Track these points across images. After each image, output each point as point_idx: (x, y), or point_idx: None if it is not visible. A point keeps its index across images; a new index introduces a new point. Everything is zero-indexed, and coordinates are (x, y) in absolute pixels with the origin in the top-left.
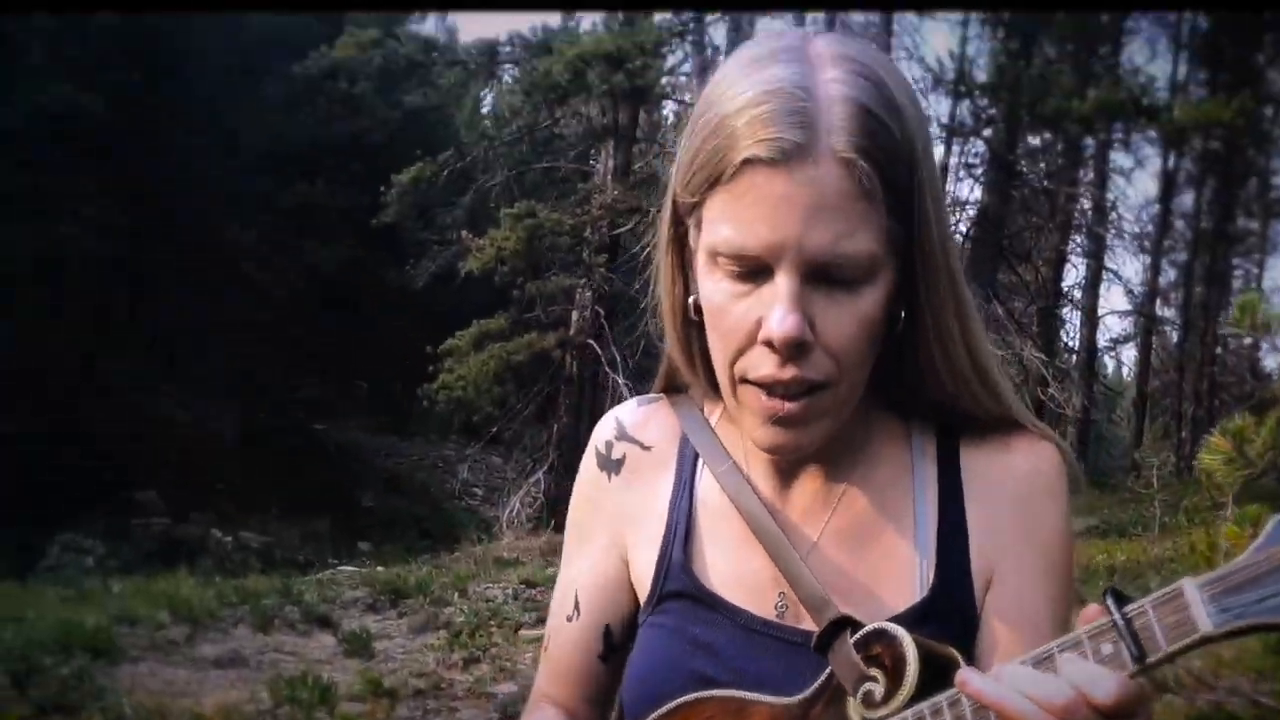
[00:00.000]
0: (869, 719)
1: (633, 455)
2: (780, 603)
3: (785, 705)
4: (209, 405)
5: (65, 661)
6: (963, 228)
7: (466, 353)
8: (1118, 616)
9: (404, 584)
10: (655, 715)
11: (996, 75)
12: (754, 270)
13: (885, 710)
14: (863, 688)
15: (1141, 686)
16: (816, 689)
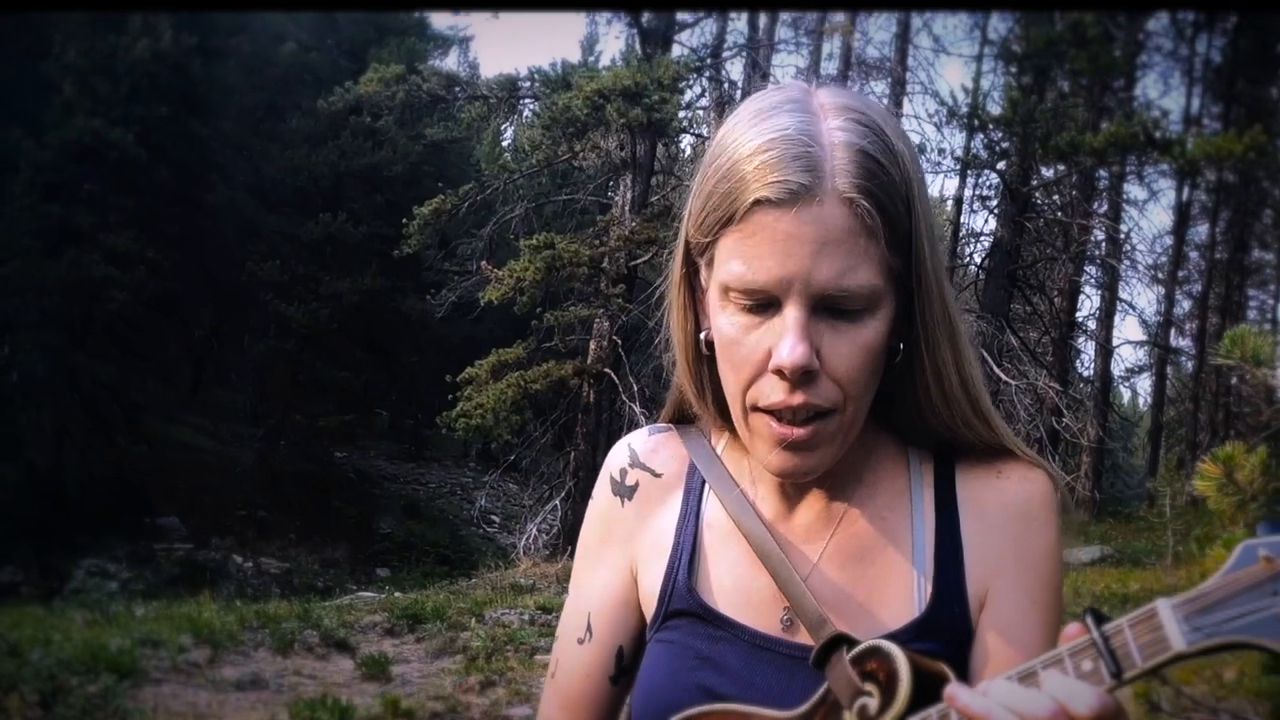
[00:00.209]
0: None
1: (645, 481)
2: (786, 617)
3: (785, 718)
4: (231, 433)
5: (91, 682)
6: (977, 258)
7: (485, 381)
8: (1097, 635)
9: (421, 609)
10: None
11: (1010, 109)
12: (764, 304)
13: None
14: (858, 702)
15: (1119, 701)
16: (814, 703)
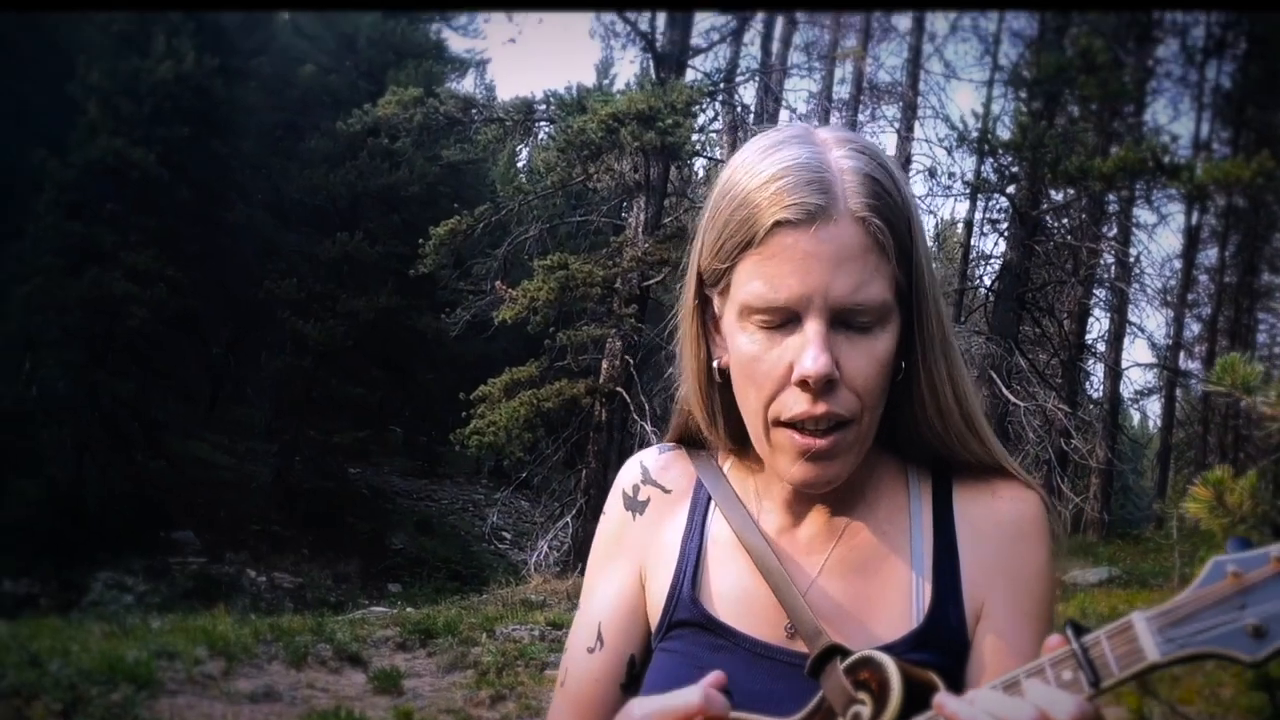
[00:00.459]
0: None
1: (655, 497)
2: (790, 625)
3: None
4: (247, 449)
5: (111, 693)
6: (987, 281)
7: (498, 399)
8: (1076, 646)
9: (433, 624)
10: None
11: (1020, 134)
12: (784, 321)
13: None
14: (851, 710)
15: (1098, 708)
16: (809, 711)
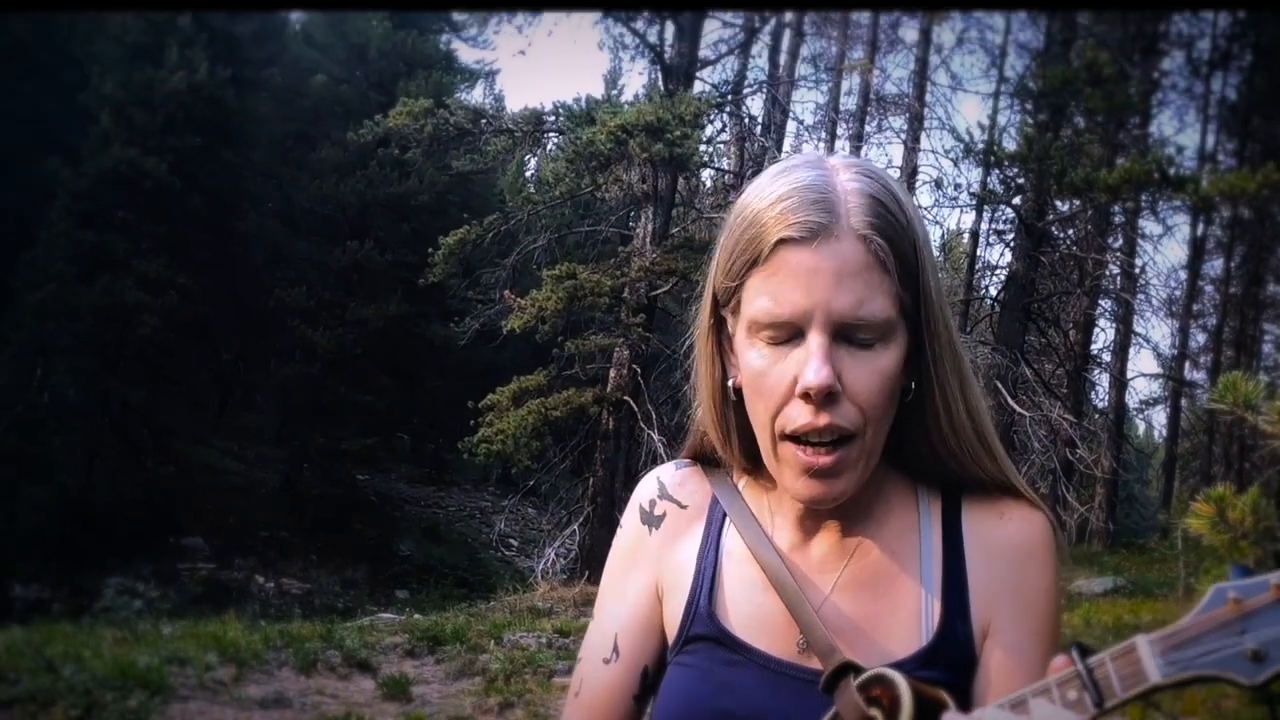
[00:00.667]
0: None
1: (672, 512)
2: (802, 641)
3: None
4: (256, 455)
5: (126, 699)
6: (992, 291)
7: (506, 408)
8: (1081, 667)
9: (441, 631)
10: None
11: (1026, 146)
12: (789, 335)
13: None
14: None
15: None
16: None
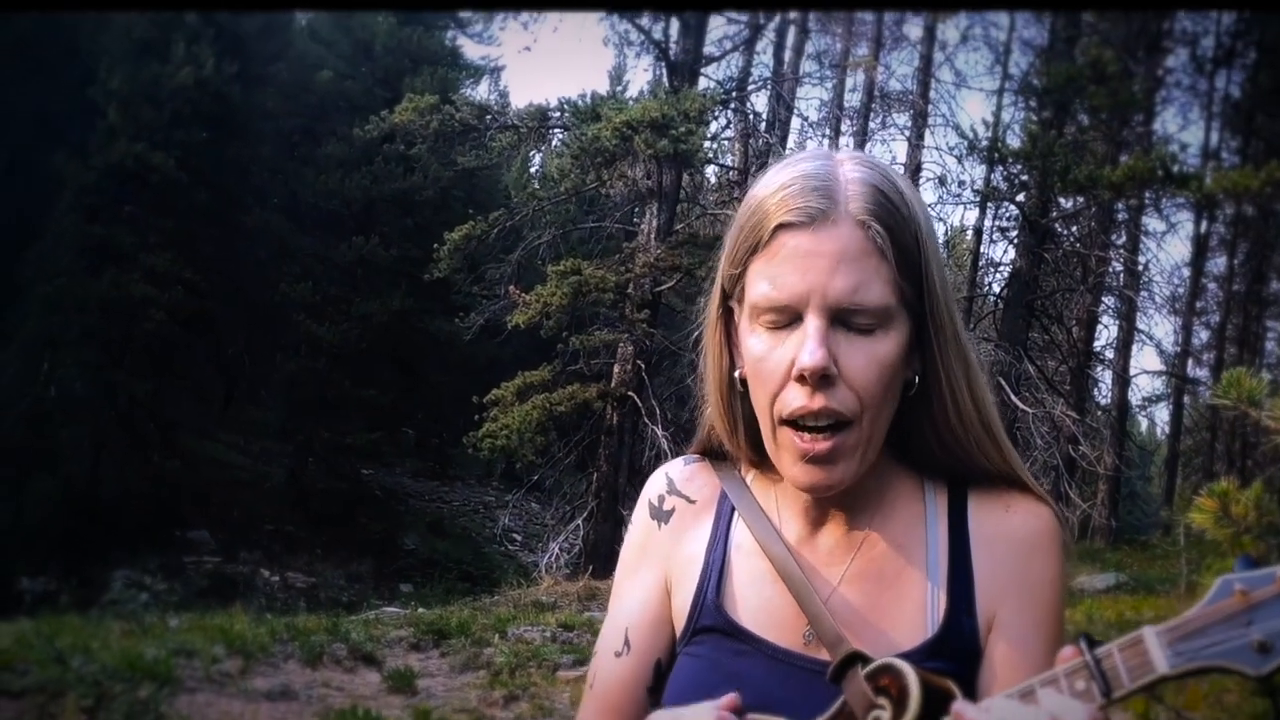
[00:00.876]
0: None
1: (680, 507)
2: (809, 632)
3: None
4: (261, 449)
5: (135, 690)
6: (996, 288)
7: (511, 403)
8: (1089, 658)
9: (446, 625)
10: None
11: (1030, 143)
12: (788, 320)
13: None
14: (871, 715)
15: (1107, 717)
16: (831, 716)
